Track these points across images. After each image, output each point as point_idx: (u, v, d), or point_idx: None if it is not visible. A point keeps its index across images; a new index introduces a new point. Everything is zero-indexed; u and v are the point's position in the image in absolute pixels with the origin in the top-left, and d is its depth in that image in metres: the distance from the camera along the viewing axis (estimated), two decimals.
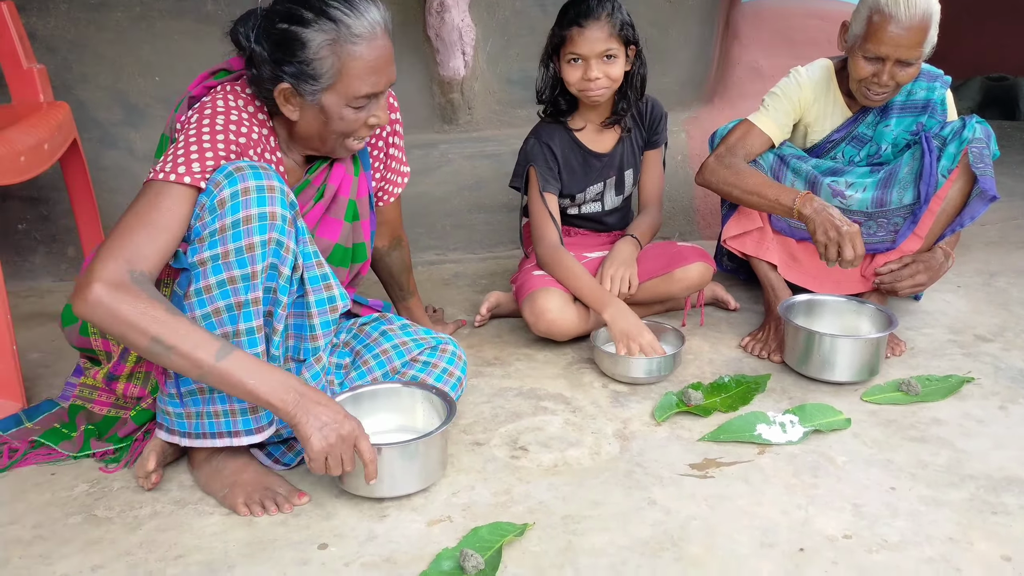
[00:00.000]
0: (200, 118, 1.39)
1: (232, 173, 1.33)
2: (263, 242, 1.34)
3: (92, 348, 1.54)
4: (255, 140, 1.42)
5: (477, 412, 1.79)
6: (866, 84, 1.99)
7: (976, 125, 2.04)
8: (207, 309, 1.35)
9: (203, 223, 1.33)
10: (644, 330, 1.92)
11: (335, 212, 1.62)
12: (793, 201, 1.91)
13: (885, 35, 1.89)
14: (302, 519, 1.41)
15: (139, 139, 2.65)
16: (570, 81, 2.02)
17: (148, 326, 1.22)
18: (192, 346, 1.24)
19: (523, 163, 2.16)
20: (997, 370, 1.95)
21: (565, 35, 1.98)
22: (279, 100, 1.43)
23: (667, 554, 1.32)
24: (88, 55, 2.57)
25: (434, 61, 2.77)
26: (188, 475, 1.54)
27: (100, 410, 1.63)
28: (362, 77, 1.42)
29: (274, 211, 1.35)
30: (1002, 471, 1.55)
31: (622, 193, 2.26)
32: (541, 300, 2.01)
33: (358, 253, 1.68)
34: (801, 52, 2.82)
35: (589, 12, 1.95)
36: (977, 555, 1.31)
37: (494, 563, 1.28)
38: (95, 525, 1.41)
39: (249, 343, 1.38)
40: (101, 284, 1.22)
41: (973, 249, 2.78)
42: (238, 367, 1.27)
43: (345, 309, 1.53)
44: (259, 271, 1.35)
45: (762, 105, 2.15)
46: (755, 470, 1.56)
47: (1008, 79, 5.09)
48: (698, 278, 2.13)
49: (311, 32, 1.37)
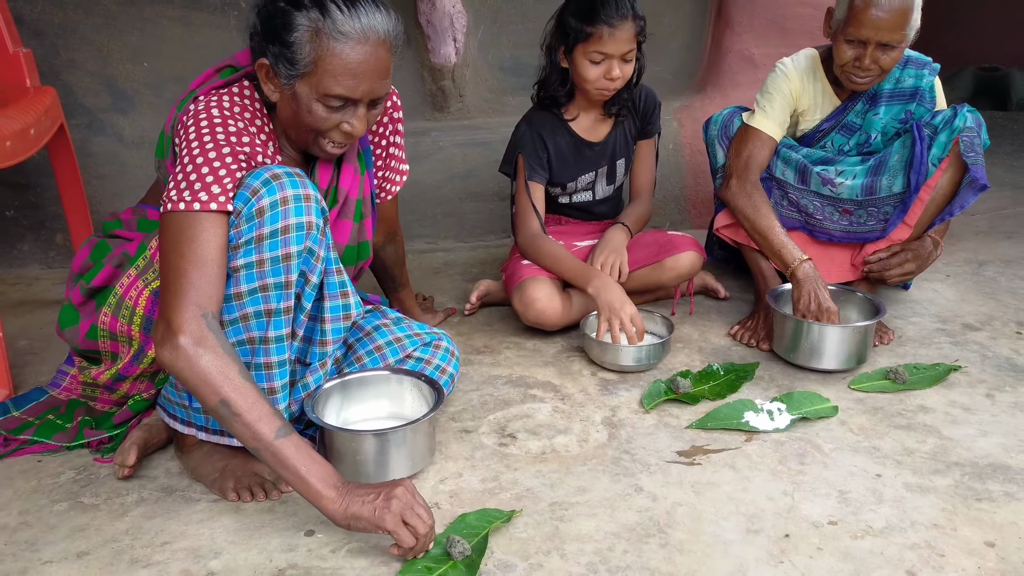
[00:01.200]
0: (198, 133, 1.35)
1: (270, 180, 1.31)
2: (299, 252, 1.34)
3: (99, 350, 1.51)
4: (257, 145, 1.39)
5: (466, 400, 1.79)
6: (849, 68, 1.98)
7: (967, 114, 2.04)
8: (235, 315, 1.34)
9: (238, 231, 1.31)
10: (627, 303, 1.91)
11: (346, 214, 1.60)
12: (792, 261, 1.96)
13: (866, 18, 1.89)
14: (289, 506, 1.42)
15: (127, 125, 2.63)
16: (588, 78, 1.98)
17: (221, 386, 1.24)
18: (256, 418, 1.25)
19: (513, 149, 2.15)
20: (984, 358, 1.96)
21: (591, 32, 1.93)
22: (260, 75, 1.40)
23: (653, 540, 1.33)
24: (76, 40, 2.55)
25: (425, 48, 2.76)
26: (175, 462, 1.54)
27: (102, 407, 1.62)
28: (336, 76, 1.36)
29: (310, 221, 1.34)
30: (987, 458, 1.56)
31: (613, 183, 2.26)
32: (530, 289, 2.01)
33: (363, 251, 1.66)
34: (793, 40, 2.81)
35: (620, 10, 1.92)
36: (961, 541, 1.32)
37: (480, 549, 1.28)
38: (81, 512, 1.40)
39: (277, 350, 1.38)
40: (185, 336, 1.24)
41: (962, 239, 2.79)
42: (295, 451, 1.24)
43: (358, 318, 1.52)
44: (292, 280, 1.35)
45: (757, 107, 2.14)
46: (742, 457, 1.56)
47: (1000, 70, 5.09)
48: (688, 267, 2.13)
49: (300, 16, 1.35)
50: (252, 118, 1.43)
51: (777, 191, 2.19)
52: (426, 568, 1.24)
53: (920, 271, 2.13)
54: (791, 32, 2.82)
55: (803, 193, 2.17)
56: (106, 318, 1.46)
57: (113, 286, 1.46)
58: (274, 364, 1.38)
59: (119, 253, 1.48)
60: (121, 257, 1.47)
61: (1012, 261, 2.62)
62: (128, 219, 1.56)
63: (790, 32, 2.83)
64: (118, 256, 1.47)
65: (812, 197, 2.16)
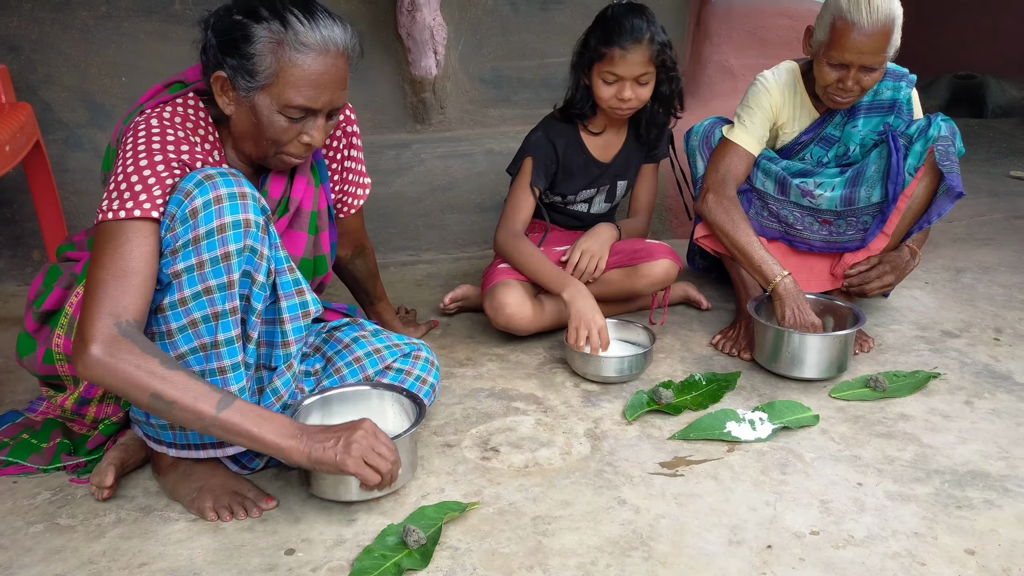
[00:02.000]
0: (135, 143, 1.34)
1: (202, 181, 1.31)
2: (239, 250, 1.32)
3: (59, 375, 1.49)
4: (198, 154, 1.38)
5: (448, 413, 1.78)
6: (832, 90, 1.99)
7: (941, 123, 2.06)
8: (183, 322, 1.33)
9: (174, 234, 1.30)
10: (599, 314, 1.93)
11: (298, 225, 1.59)
12: (773, 277, 1.96)
13: (848, 42, 1.89)
14: (269, 524, 1.40)
15: (105, 140, 2.60)
16: (602, 97, 2.04)
17: (147, 382, 1.23)
18: (193, 399, 1.25)
19: (524, 151, 2.17)
20: (963, 365, 1.98)
21: (605, 53, 1.98)
22: (215, 88, 1.39)
23: (636, 553, 1.32)
24: (53, 55, 2.53)
25: (406, 60, 2.76)
26: (153, 481, 1.52)
27: (80, 430, 1.60)
28: (298, 87, 1.37)
29: (248, 218, 1.33)
30: (967, 465, 1.57)
31: (611, 202, 2.29)
32: (501, 294, 2.02)
33: (319, 266, 1.66)
34: (771, 51, 2.85)
35: (633, 35, 1.96)
36: (941, 549, 1.33)
37: (435, 538, 1.34)
38: (57, 534, 1.38)
39: (229, 353, 1.36)
40: (96, 344, 1.22)
41: (940, 246, 2.82)
42: (241, 416, 1.27)
43: (317, 314, 1.51)
44: (235, 280, 1.33)
45: (737, 120, 2.15)
46: (724, 468, 1.57)
47: (976, 77, 5.16)
48: (662, 275, 2.14)
49: (259, 28, 1.35)
50: (195, 128, 1.42)
51: (757, 202, 2.20)
52: (382, 555, 1.30)
53: (899, 281, 2.15)
54: (769, 43, 2.85)
55: (783, 204, 2.18)
56: (59, 340, 1.44)
57: (63, 307, 1.44)
58: (228, 368, 1.37)
59: (68, 275, 1.46)
60: (70, 278, 1.45)
61: (989, 268, 2.64)
62: (80, 240, 1.55)
63: (768, 43, 2.86)
64: (67, 278, 1.46)
65: (792, 208, 2.18)
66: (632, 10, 2.02)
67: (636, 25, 1.97)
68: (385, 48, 2.78)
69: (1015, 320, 2.23)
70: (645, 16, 2.00)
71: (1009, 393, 1.84)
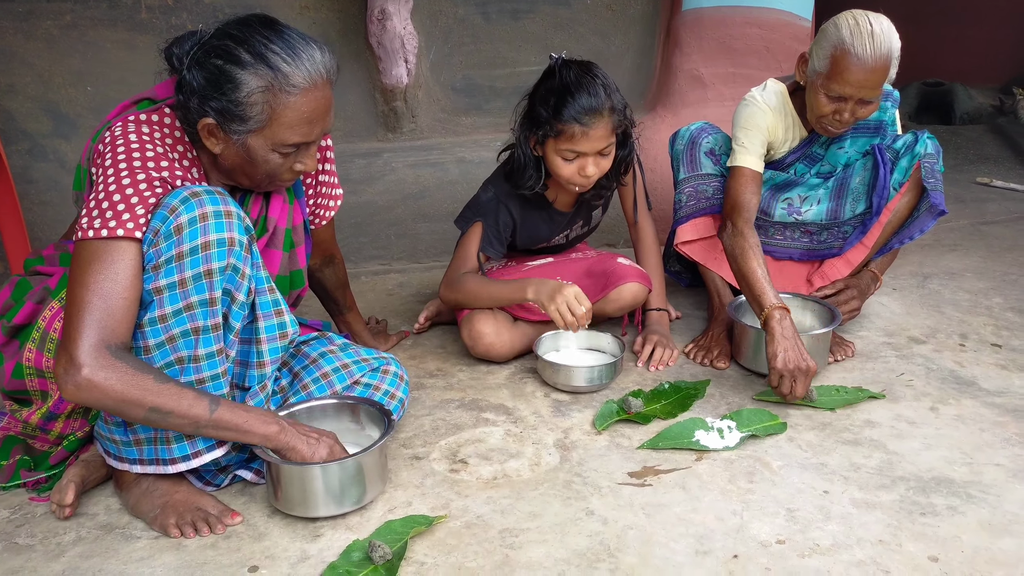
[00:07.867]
0: (115, 159, 1.32)
1: (188, 198, 1.30)
2: (221, 268, 1.32)
3: (27, 390, 1.46)
4: (178, 170, 1.37)
5: (417, 425, 1.77)
6: (827, 120, 1.96)
7: (927, 141, 2.09)
8: (161, 338, 1.32)
9: (157, 250, 1.29)
10: (566, 284, 1.84)
11: (275, 244, 1.58)
12: (768, 306, 1.81)
13: (850, 76, 1.84)
14: (233, 541, 1.38)
15: (70, 150, 2.57)
16: (562, 175, 1.89)
17: (144, 398, 1.27)
18: (188, 406, 1.31)
19: (473, 213, 2.04)
20: (929, 371, 2.00)
21: (562, 130, 1.82)
22: (202, 134, 1.38)
23: (603, 565, 1.32)
24: (16, 64, 2.49)
25: (376, 69, 2.75)
26: (115, 498, 1.50)
27: (40, 446, 1.57)
28: (293, 127, 1.37)
29: (232, 236, 1.32)
30: (931, 472, 1.58)
31: (588, 225, 2.22)
32: (478, 323, 1.98)
33: (296, 280, 1.65)
34: (741, 60, 2.87)
35: (593, 110, 1.80)
36: (906, 556, 1.34)
37: (400, 553, 1.33)
38: (15, 553, 1.36)
39: (209, 365, 1.35)
40: (88, 368, 1.24)
41: (908, 252, 2.85)
42: (231, 414, 1.35)
43: (295, 336, 1.50)
44: (217, 297, 1.32)
45: (738, 144, 2.07)
46: (692, 477, 1.57)
47: (944, 84, 5.24)
48: (631, 299, 2.07)
49: (246, 75, 1.32)
50: (173, 144, 1.41)
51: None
52: (346, 572, 1.29)
53: (862, 305, 2.18)
54: (739, 52, 2.87)
55: (768, 224, 2.21)
56: (31, 354, 1.41)
57: (35, 321, 1.42)
58: (207, 379, 1.36)
59: (40, 289, 1.44)
60: (43, 292, 1.43)
61: (955, 274, 2.68)
62: (50, 255, 1.53)
63: (738, 52, 2.88)
64: (39, 292, 1.43)
65: (778, 227, 2.21)
66: (585, 74, 1.83)
67: (594, 96, 1.80)
68: (356, 57, 2.77)
69: (980, 326, 2.26)
70: (599, 79, 1.83)
71: (974, 399, 1.86)
